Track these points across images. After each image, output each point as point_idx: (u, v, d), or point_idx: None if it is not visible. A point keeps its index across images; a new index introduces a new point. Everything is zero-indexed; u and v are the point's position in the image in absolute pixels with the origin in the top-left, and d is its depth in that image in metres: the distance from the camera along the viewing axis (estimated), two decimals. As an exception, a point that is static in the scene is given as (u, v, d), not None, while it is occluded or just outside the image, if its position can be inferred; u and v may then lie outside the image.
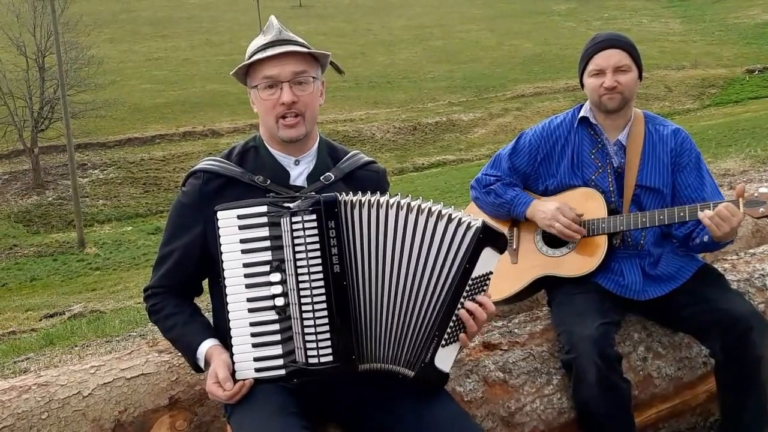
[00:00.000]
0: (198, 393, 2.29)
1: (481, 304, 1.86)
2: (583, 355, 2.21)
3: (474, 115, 37.74)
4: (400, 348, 1.84)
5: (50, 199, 29.86)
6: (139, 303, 7.59)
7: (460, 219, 1.81)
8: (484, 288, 1.88)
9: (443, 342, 1.83)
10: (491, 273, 1.88)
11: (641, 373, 2.44)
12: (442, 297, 1.82)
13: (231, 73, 1.98)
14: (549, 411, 2.30)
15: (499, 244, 1.86)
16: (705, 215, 2.30)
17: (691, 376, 2.51)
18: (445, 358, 1.86)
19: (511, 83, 43.01)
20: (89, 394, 2.20)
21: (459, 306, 1.84)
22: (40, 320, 8.44)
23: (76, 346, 4.85)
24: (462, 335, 1.86)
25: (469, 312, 1.84)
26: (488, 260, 1.85)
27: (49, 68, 32.33)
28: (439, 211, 1.81)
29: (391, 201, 1.82)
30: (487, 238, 1.82)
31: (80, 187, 28.00)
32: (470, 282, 1.83)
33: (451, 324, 1.84)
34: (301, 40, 1.97)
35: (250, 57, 1.93)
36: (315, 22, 58.32)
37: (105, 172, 31.53)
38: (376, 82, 44.04)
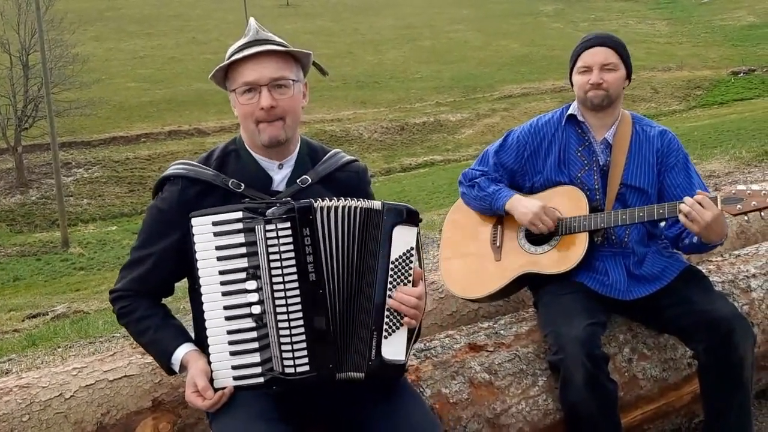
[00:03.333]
0: (182, 395, 2.25)
1: (409, 285, 1.84)
2: (571, 356, 2.21)
3: (461, 116, 37.78)
4: (350, 351, 1.82)
5: (34, 198, 29.58)
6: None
7: (368, 208, 1.82)
8: (410, 265, 1.85)
9: (385, 334, 1.82)
10: (413, 248, 1.85)
11: (627, 374, 2.44)
12: (373, 289, 1.81)
13: (209, 76, 1.93)
14: (535, 412, 2.29)
15: (409, 218, 1.84)
16: (681, 215, 2.31)
17: (676, 377, 2.52)
18: (393, 348, 1.83)
19: (498, 84, 43.08)
20: (71, 396, 2.17)
21: (388, 295, 1.82)
22: (23, 321, 8.33)
23: (59, 347, 4.80)
24: (406, 319, 1.84)
25: (398, 301, 1.82)
26: (404, 237, 1.83)
27: (34, 66, 32.02)
28: (361, 207, 1.82)
29: (354, 204, 1.81)
30: (391, 217, 1.82)
31: (64, 186, 27.75)
32: (392, 266, 1.82)
33: (387, 314, 1.82)
34: (280, 39, 1.93)
35: (228, 59, 1.88)
36: (302, 21, 58.16)
37: (90, 171, 31.28)
38: (364, 81, 43.98)
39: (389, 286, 1.83)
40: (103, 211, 28.91)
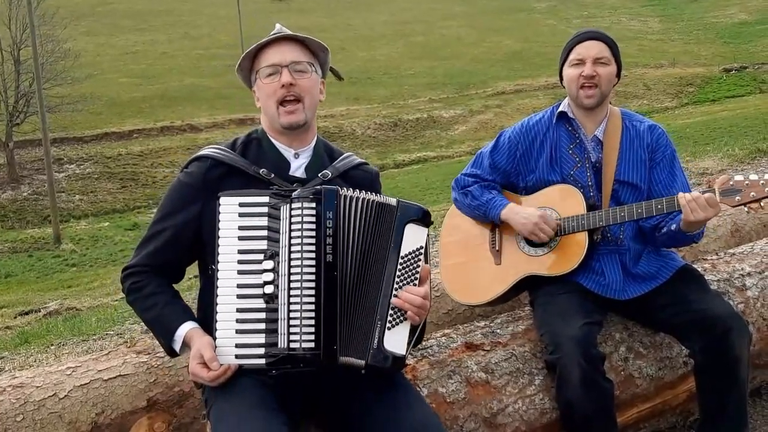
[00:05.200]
0: (177, 394, 2.26)
1: (416, 284, 1.91)
2: (567, 355, 2.21)
3: (454, 112, 37.78)
4: (354, 337, 1.86)
5: (25, 194, 29.40)
6: (116, 300, 7.49)
7: (385, 203, 1.90)
8: (418, 263, 1.93)
9: (388, 325, 1.87)
10: (422, 248, 1.93)
11: (623, 373, 2.44)
12: (381, 281, 1.88)
13: (236, 68, 2.06)
14: (531, 411, 2.30)
15: (421, 217, 1.93)
16: (683, 197, 2.32)
17: (671, 376, 2.52)
18: (395, 341, 1.88)
19: (491, 80, 43.08)
20: (65, 395, 2.17)
21: (395, 289, 1.88)
22: (15, 318, 8.29)
23: (52, 345, 4.78)
24: (409, 313, 1.90)
25: (403, 300, 1.89)
26: (415, 236, 1.91)
27: (25, 61, 31.80)
28: (379, 201, 1.90)
29: (373, 198, 1.89)
30: (405, 214, 1.91)
31: (56, 182, 27.56)
32: (401, 261, 1.89)
33: (392, 306, 1.88)
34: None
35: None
36: (295, 16, 57.92)
37: (81, 167, 31.11)
38: (357, 77, 43.85)
39: (397, 279, 1.89)
40: (95, 207, 28.75)
